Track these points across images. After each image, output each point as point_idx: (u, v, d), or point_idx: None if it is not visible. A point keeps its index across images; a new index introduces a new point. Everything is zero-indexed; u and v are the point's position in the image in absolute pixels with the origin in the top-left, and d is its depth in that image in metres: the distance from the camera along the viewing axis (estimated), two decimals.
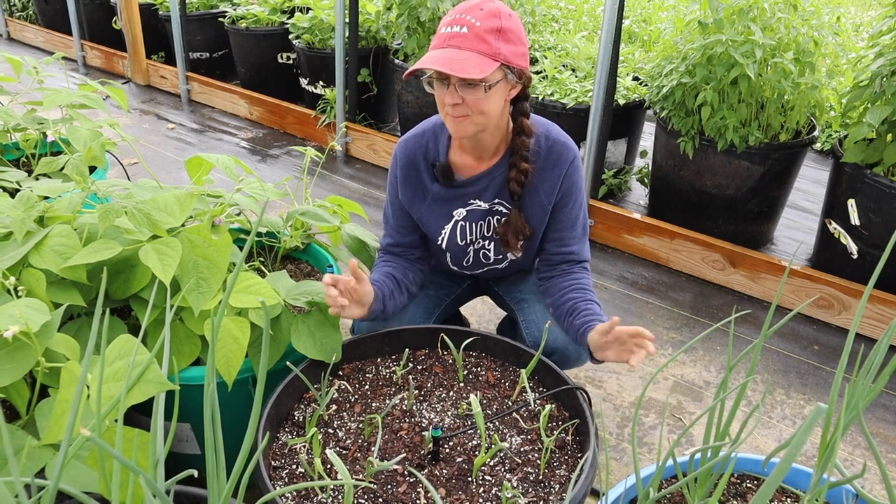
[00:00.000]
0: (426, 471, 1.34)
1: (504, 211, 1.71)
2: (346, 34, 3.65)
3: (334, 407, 1.51)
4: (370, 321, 1.71)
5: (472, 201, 1.70)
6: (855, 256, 2.52)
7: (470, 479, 1.32)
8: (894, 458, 1.96)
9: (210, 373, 0.95)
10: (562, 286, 1.70)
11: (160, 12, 4.99)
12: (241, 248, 1.85)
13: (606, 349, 1.52)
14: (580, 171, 1.69)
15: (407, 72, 1.51)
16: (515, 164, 1.63)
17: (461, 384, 1.58)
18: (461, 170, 1.70)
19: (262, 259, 1.95)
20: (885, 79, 2.36)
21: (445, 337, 1.65)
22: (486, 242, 1.77)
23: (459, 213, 1.72)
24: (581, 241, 1.73)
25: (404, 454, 1.37)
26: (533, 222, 1.70)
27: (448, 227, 1.73)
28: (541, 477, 1.33)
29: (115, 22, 5.22)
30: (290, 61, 4.53)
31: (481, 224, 1.73)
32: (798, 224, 3.26)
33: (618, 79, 3.15)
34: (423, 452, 1.38)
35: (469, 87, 1.47)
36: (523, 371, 1.55)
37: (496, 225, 1.73)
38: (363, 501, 1.28)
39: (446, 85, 1.49)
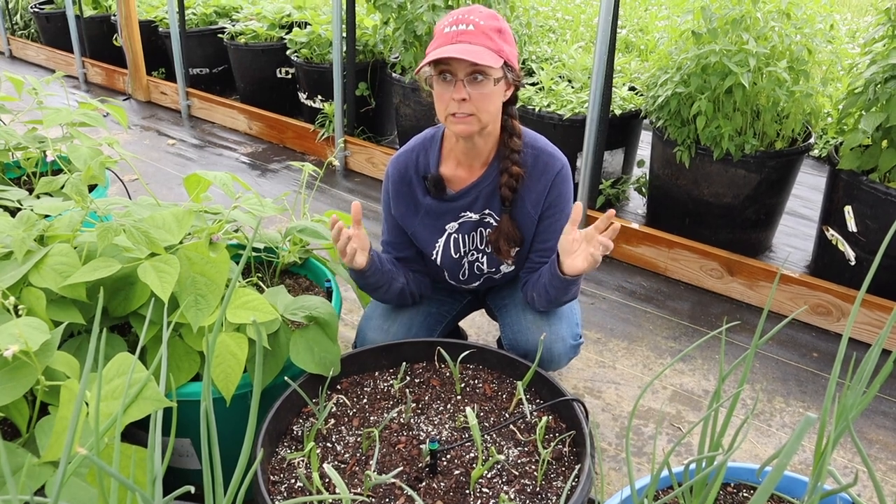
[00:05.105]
0: (424, 484, 1.35)
1: (493, 222, 1.73)
2: (344, 49, 3.68)
3: (332, 421, 1.52)
4: (372, 290, 1.73)
5: (462, 214, 1.73)
6: (853, 263, 2.53)
7: (467, 491, 1.33)
8: (894, 464, 1.96)
9: (206, 388, 0.96)
10: (539, 271, 1.72)
11: (160, 29, 5.03)
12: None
13: (575, 257, 1.55)
14: (568, 183, 1.70)
15: (419, 66, 1.53)
16: (507, 169, 1.65)
17: (458, 397, 1.59)
18: (451, 183, 1.72)
19: (260, 274, 1.96)
20: (878, 86, 2.38)
21: (442, 350, 1.66)
22: (479, 255, 1.78)
23: (452, 226, 1.74)
24: None
25: (402, 467, 1.38)
26: (522, 231, 1.71)
27: (441, 241, 1.75)
28: (538, 488, 1.34)
29: (116, 39, 5.27)
30: (289, 76, 4.56)
31: (473, 235, 1.75)
32: (796, 231, 3.26)
33: (614, 89, 3.17)
34: (420, 465, 1.39)
35: (476, 82, 1.50)
36: (520, 383, 1.56)
37: (487, 236, 1.74)
38: None
39: (452, 82, 1.51)
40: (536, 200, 1.68)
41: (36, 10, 5.93)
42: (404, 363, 1.67)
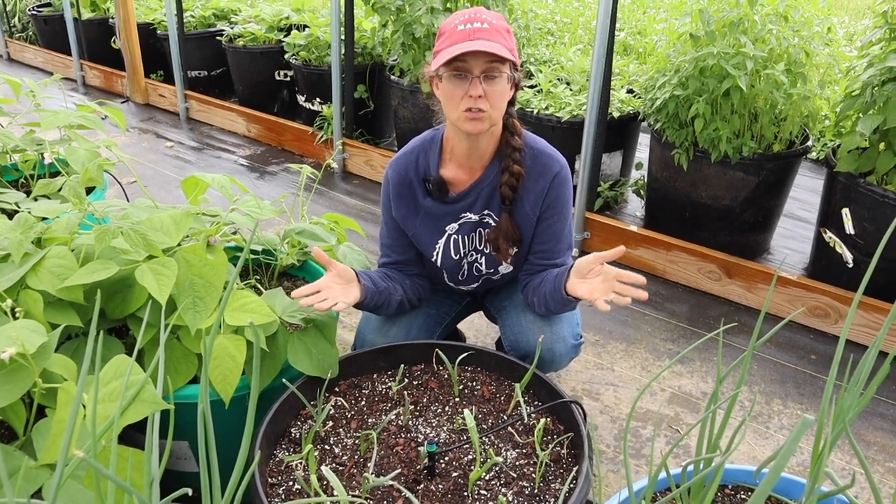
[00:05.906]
0: (422, 486, 1.35)
1: (492, 223, 1.74)
2: (343, 51, 3.69)
3: (331, 423, 1.52)
4: (373, 311, 1.74)
5: (462, 215, 1.73)
6: (850, 265, 2.53)
7: (466, 493, 1.33)
8: (892, 466, 1.96)
9: (203, 391, 0.96)
10: (541, 276, 1.72)
11: (158, 32, 5.03)
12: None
13: (582, 283, 1.55)
14: (567, 185, 1.70)
15: (436, 63, 1.52)
16: (508, 168, 1.66)
17: (456, 399, 1.59)
18: (452, 185, 1.72)
19: (258, 277, 1.96)
20: (875, 88, 2.38)
21: (440, 352, 1.66)
22: (478, 256, 1.79)
23: (452, 227, 1.74)
24: (565, 256, 1.75)
25: (400, 470, 1.38)
26: (521, 231, 1.72)
27: (441, 242, 1.75)
28: (536, 490, 1.34)
29: (114, 42, 5.27)
30: (288, 78, 4.57)
31: (472, 236, 1.76)
32: (794, 233, 3.27)
33: (612, 91, 3.17)
34: (418, 468, 1.39)
35: (491, 79, 1.52)
36: (518, 385, 1.56)
37: (486, 236, 1.74)
38: None
39: (467, 79, 1.51)
40: (535, 202, 1.68)
41: (34, 12, 5.93)
42: (402, 365, 1.67)
